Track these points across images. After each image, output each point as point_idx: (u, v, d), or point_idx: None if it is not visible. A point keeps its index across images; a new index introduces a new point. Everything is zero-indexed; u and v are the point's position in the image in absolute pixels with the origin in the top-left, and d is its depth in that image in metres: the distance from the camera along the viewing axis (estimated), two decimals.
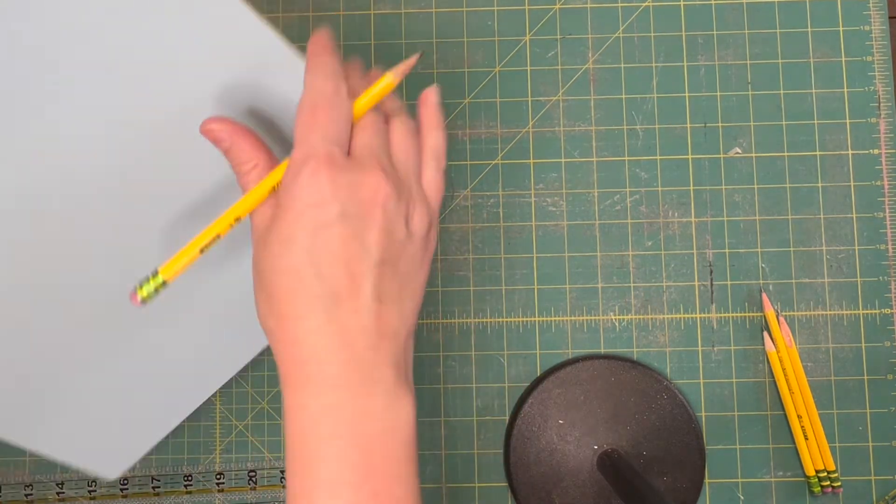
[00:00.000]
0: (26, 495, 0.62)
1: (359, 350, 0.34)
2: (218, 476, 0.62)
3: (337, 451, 0.33)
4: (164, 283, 0.35)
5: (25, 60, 0.35)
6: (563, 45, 0.65)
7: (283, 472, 0.62)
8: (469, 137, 0.64)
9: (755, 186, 0.63)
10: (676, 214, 0.63)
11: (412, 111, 0.41)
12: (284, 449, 0.37)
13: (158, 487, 0.62)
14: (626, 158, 0.64)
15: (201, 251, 0.35)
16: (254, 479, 0.62)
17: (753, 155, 0.64)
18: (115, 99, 0.37)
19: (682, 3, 0.65)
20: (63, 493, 0.62)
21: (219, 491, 0.62)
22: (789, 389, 0.61)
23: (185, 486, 0.62)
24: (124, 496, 0.62)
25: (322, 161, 0.33)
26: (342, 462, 0.33)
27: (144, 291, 0.35)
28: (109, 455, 0.51)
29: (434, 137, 0.39)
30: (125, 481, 0.62)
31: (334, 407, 0.33)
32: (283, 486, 0.62)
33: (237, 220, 0.36)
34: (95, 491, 0.62)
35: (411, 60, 0.39)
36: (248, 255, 0.37)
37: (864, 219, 0.63)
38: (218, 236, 0.36)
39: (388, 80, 0.38)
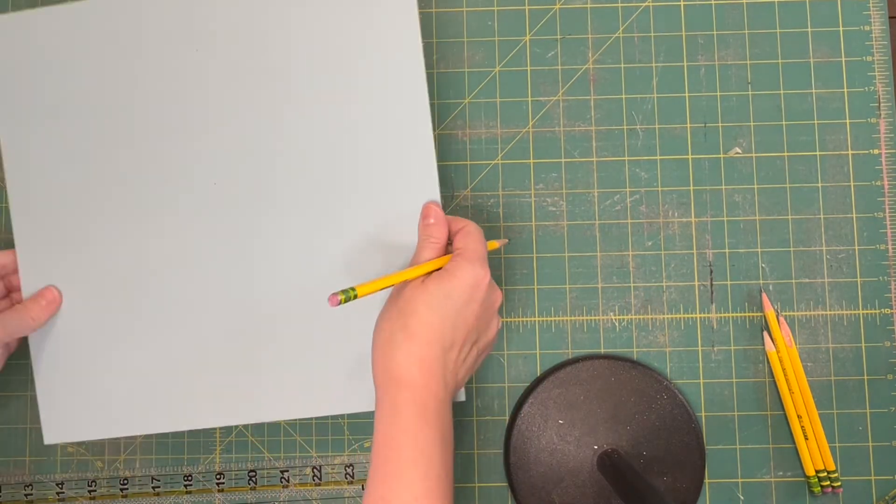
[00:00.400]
0: (26, 495, 0.62)
1: (448, 380, 0.50)
2: (218, 476, 0.62)
3: (424, 436, 0.47)
4: (355, 297, 0.48)
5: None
6: (563, 45, 0.65)
7: (282, 471, 0.62)
8: (469, 137, 0.64)
9: (755, 186, 0.63)
10: (676, 214, 0.63)
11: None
12: (375, 428, 0.48)
13: (158, 487, 0.62)
14: (626, 158, 0.64)
15: (387, 286, 0.50)
16: (254, 478, 0.62)
17: (753, 155, 0.64)
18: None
19: (682, 3, 0.65)
20: (63, 493, 0.62)
21: (219, 491, 0.62)
22: (789, 389, 0.61)
23: (185, 486, 0.62)
24: (124, 496, 0.62)
25: (487, 265, 0.51)
26: (426, 442, 0.47)
27: (343, 297, 0.48)
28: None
29: None
30: (125, 481, 0.62)
31: (430, 409, 0.48)
32: (283, 486, 0.62)
33: (426, 274, 0.51)
34: (95, 491, 0.62)
35: (505, 241, 0.59)
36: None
37: (864, 219, 0.63)
38: (406, 282, 0.51)
39: (495, 244, 0.56)
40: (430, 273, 0.51)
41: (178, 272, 0.55)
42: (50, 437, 0.56)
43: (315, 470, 0.62)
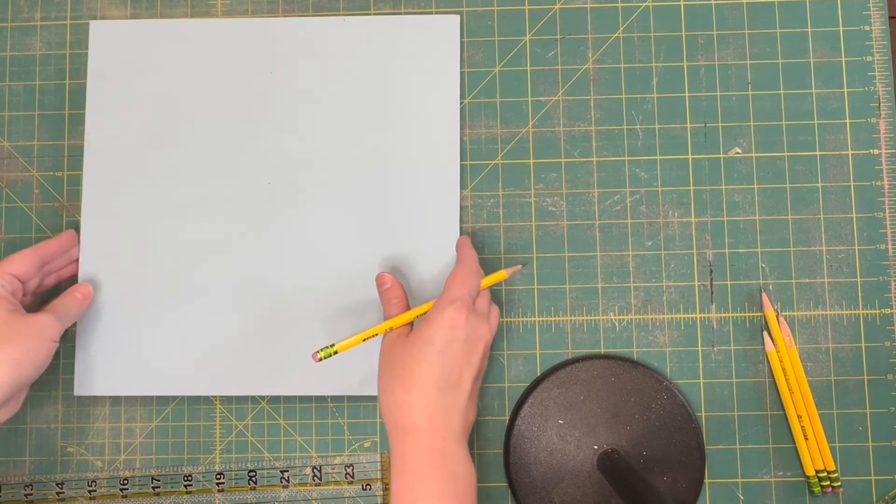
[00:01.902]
0: (26, 495, 0.62)
1: (453, 420, 0.53)
2: (218, 476, 0.62)
3: (434, 477, 0.50)
4: (336, 353, 0.56)
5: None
6: (563, 45, 0.65)
7: (282, 471, 0.62)
8: (469, 137, 0.64)
9: (755, 186, 0.63)
10: (676, 214, 0.63)
11: None
12: (391, 478, 0.52)
13: (158, 487, 0.62)
14: (626, 158, 0.64)
15: (364, 340, 0.56)
16: (254, 479, 0.62)
17: (753, 155, 0.64)
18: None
19: (682, 3, 0.65)
20: (63, 493, 0.62)
21: (219, 491, 0.62)
22: (789, 389, 0.61)
23: (185, 486, 0.62)
24: (124, 496, 0.62)
25: (465, 304, 0.54)
26: (438, 483, 0.50)
27: (322, 354, 0.55)
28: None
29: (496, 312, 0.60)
30: (125, 481, 0.62)
31: (436, 450, 0.51)
32: (283, 486, 0.62)
33: (391, 328, 0.57)
34: (95, 491, 0.62)
35: (518, 268, 0.61)
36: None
37: (864, 219, 0.63)
38: (375, 335, 0.57)
39: (503, 275, 0.59)
40: (412, 323, 0.57)
41: (223, 255, 0.62)
42: (80, 390, 0.61)
43: (315, 470, 0.62)
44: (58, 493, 0.62)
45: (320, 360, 0.55)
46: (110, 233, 0.63)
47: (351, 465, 0.62)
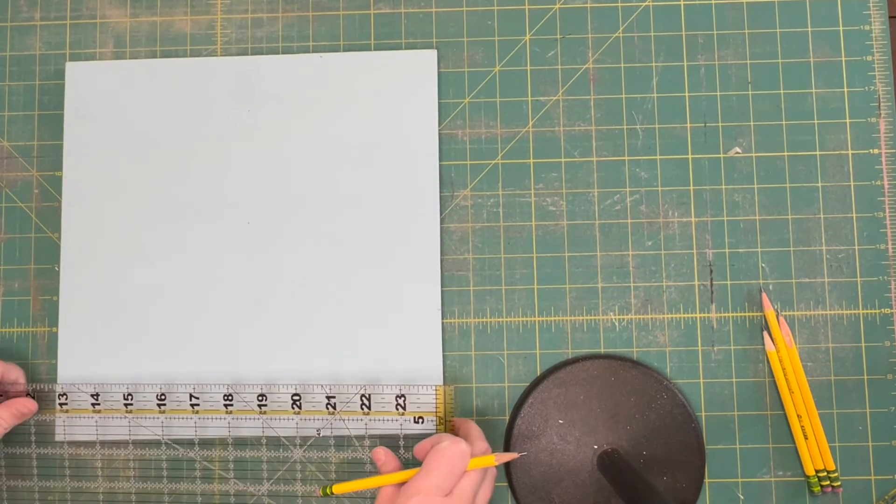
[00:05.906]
0: (61, 404, 0.62)
1: None
2: (260, 398, 0.61)
3: None
4: (333, 495, 0.56)
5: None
6: (563, 45, 0.65)
7: (329, 397, 0.62)
8: (469, 137, 0.64)
9: (755, 186, 0.63)
10: (676, 214, 0.63)
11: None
12: None
13: (198, 406, 0.61)
14: (626, 158, 0.64)
15: (355, 493, 0.58)
16: (298, 403, 0.61)
17: (753, 155, 0.64)
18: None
19: (682, 3, 0.65)
20: (98, 404, 0.62)
21: (261, 413, 0.61)
22: (789, 389, 0.61)
23: (226, 405, 0.61)
24: (161, 412, 0.62)
25: (429, 499, 0.50)
26: None
27: (321, 492, 0.55)
28: None
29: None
30: (163, 396, 0.62)
31: None
32: (330, 413, 0.62)
33: (380, 486, 0.54)
34: (132, 405, 0.61)
35: (513, 455, 0.56)
36: None
37: (864, 219, 0.63)
38: (366, 489, 0.56)
39: (492, 460, 0.54)
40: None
41: (205, 295, 0.63)
42: (61, 436, 0.62)
43: (364, 398, 0.61)
44: (93, 405, 0.61)
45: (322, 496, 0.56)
46: (89, 275, 0.63)
47: (403, 395, 0.61)
